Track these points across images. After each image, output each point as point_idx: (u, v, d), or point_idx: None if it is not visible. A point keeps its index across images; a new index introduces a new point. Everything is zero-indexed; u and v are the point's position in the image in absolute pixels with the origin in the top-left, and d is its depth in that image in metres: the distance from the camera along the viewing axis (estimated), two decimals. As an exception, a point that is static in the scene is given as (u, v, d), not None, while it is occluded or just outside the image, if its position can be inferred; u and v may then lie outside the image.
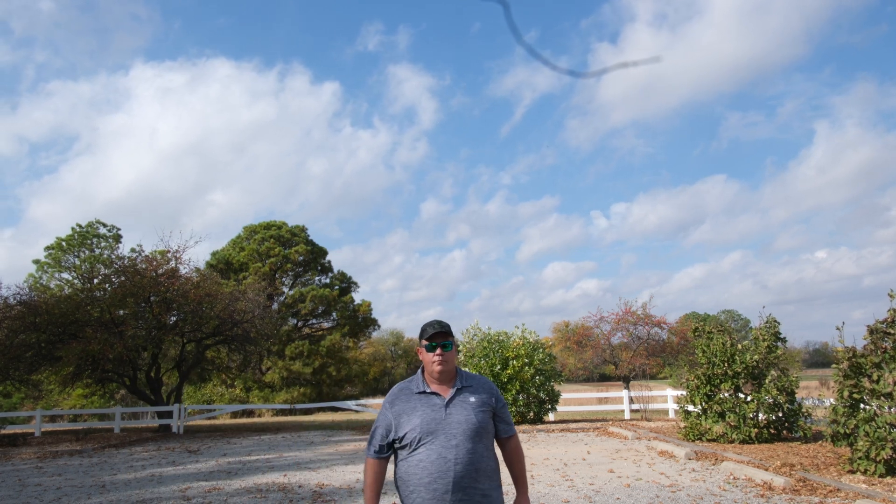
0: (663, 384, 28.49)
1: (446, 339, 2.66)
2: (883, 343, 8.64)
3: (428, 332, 2.67)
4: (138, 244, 26.40)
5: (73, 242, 36.69)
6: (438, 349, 2.62)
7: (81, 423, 27.07)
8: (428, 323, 2.73)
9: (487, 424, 2.61)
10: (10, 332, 18.59)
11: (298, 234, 42.21)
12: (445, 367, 2.61)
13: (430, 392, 2.62)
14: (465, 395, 2.62)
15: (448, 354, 2.63)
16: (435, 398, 2.60)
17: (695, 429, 12.76)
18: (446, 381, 2.64)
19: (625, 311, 26.34)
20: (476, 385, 2.69)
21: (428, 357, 2.65)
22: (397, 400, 2.66)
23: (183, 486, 9.23)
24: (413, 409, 2.57)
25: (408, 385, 2.71)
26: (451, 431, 2.50)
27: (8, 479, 10.40)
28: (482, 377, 2.77)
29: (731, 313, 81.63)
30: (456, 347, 2.74)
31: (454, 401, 2.58)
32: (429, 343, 2.65)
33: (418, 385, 2.66)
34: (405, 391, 2.67)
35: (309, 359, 38.32)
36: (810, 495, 7.25)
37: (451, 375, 2.66)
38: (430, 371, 2.63)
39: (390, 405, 2.66)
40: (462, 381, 2.67)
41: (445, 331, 2.67)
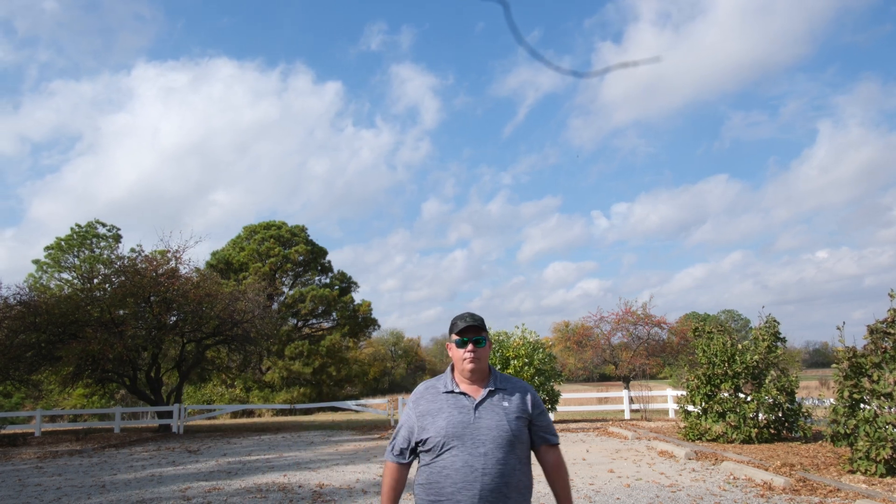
0: (663, 384, 28.50)
1: (479, 333, 2.43)
2: (883, 343, 8.64)
3: (458, 325, 2.43)
4: (138, 244, 26.43)
5: (72, 242, 36.68)
6: (470, 345, 2.40)
7: (81, 423, 27.07)
8: (459, 316, 2.49)
9: (522, 434, 2.36)
10: (10, 332, 18.58)
11: (298, 234, 42.21)
12: (477, 366, 2.39)
13: (459, 392, 2.39)
14: (499, 398, 2.38)
15: (481, 351, 2.41)
16: (464, 399, 2.36)
17: (695, 429, 12.75)
18: (478, 381, 2.42)
19: (625, 311, 26.34)
20: (511, 388, 2.44)
21: (458, 353, 2.44)
22: (422, 399, 2.44)
23: (183, 486, 9.23)
24: (439, 410, 2.35)
25: (435, 383, 2.48)
26: (480, 438, 2.27)
27: (8, 479, 10.40)
28: (520, 380, 2.52)
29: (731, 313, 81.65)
30: (490, 344, 2.51)
31: (485, 403, 2.35)
32: (459, 338, 2.43)
33: (446, 384, 2.43)
34: (431, 390, 2.45)
35: (309, 359, 38.32)
36: (810, 495, 7.25)
37: (484, 375, 2.44)
38: (461, 369, 2.42)
39: (414, 405, 2.45)
40: (496, 382, 2.44)
41: (478, 325, 2.43)
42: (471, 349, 2.39)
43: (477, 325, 2.43)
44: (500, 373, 2.50)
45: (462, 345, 2.42)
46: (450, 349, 2.50)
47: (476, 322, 2.43)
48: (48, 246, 36.72)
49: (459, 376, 2.44)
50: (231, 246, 41.36)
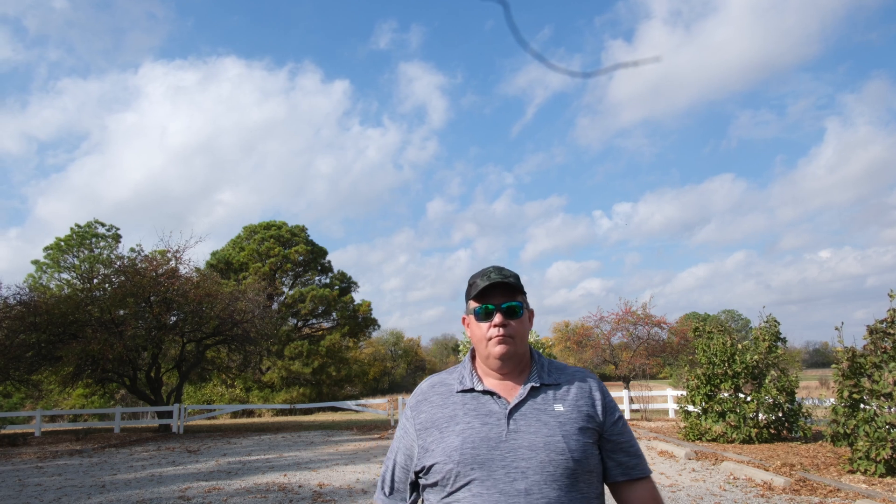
0: (663, 384, 28.50)
1: (512, 297, 1.58)
2: (883, 343, 8.64)
3: (479, 285, 1.58)
4: (138, 244, 26.44)
5: (71, 242, 36.67)
6: (498, 315, 1.55)
7: (81, 423, 27.07)
8: (479, 272, 1.63)
9: (588, 457, 1.48)
10: (10, 332, 18.58)
11: (298, 234, 42.24)
12: (512, 349, 1.55)
13: (484, 391, 1.56)
14: (548, 398, 1.54)
15: (517, 325, 1.57)
16: (491, 402, 1.54)
17: (695, 429, 12.76)
18: (513, 374, 1.59)
19: (625, 311, 26.33)
20: (567, 381, 1.59)
21: (480, 331, 1.58)
22: (425, 403, 1.60)
23: (183, 486, 9.23)
24: (451, 420, 1.53)
25: (446, 378, 1.64)
26: (518, 465, 1.43)
27: (8, 479, 10.40)
28: (580, 368, 1.66)
29: (731, 313, 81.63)
30: (531, 314, 1.67)
31: (526, 408, 1.52)
32: (480, 305, 1.58)
33: (463, 379, 1.60)
34: (440, 388, 1.62)
35: (309, 359, 38.33)
36: (810, 495, 7.25)
37: (523, 363, 1.60)
38: (486, 356, 1.58)
39: (413, 413, 1.62)
40: (542, 373, 1.59)
41: (510, 282, 1.58)
42: (500, 321, 1.55)
43: (508, 284, 1.58)
44: (547, 359, 1.66)
45: (485, 316, 1.57)
46: (467, 326, 1.65)
47: (506, 278, 1.57)
48: (48, 246, 36.71)
49: (484, 367, 1.61)
50: (231, 246, 41.38)
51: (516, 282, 1.61)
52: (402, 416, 1.68)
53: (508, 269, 1.64)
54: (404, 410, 1.68)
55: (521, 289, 1.62)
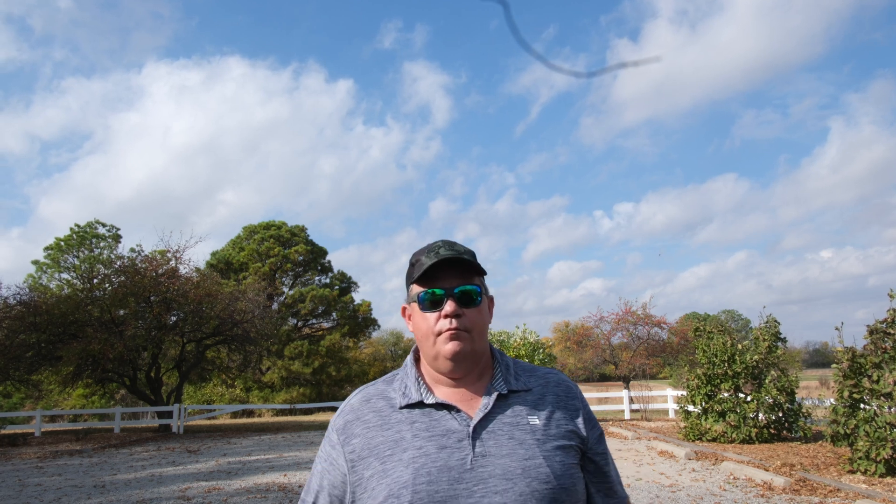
0: (663, 384, 28.51)
1: (468, 279, 1.26)
2: (883, 343, 8.65)
3: (423, 263, 1.25)
4: (138, 244, 26.42)
5: (71, 243, 36.68)
6: (450, 302, 1.22)
7: (81, 423, 27.07)
8: (423, 248, 1.30)
9: (576, 482, 1.20)
10: (10, 332, 18.59)
11: (298, 234, 42.25)
12: (467, 345, 1.22)
13: (437, 404, 1.23)
14: (519, 408, 1.24)
15: (474, 315, 1.24)
16: (447, 417, 1.21)
17: (695, 429, 12.76)
18: (470, 379, 1.26)
19: (625, 311, 26.34)
20: (540, 385, 1.29)
21: (425, 323, 1.25)
22: (357, 423, 1.24)
23: (183, 486, 9.23)
24: (396, 445, 1.18)
25: (384, 389, 1.30)
26: (492, 501, 1.12)
27: (8, 479, 10.40)
28: (551, 370, 1.35)
29: (731, 313, 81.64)
30: (491, 303, 1.35)
31: (493, 423, 1.21)
32: (425, 290, 1.25)
33: (407, 388, 1.27)
34: (377, 402, 1.27)
35: (308, 359, 38.33)
36: (810, 495, 7.26)
37: (482, 364, 1.28)
38: (433, 355, 1.24)
39: (343, 436, 1.25)
40: (507, 376, 1.28)
41: (463, 259, 1.24)
42: (451, 311, 1.21)
43: (462, 261, 1.24)
44: (510, 358, 1.35)
45: (432, 304, 1.24)
46: (409, 319, 1.32)
47: (460, 254, 1.24)
48: (48, 246, 36.71)
49: (432, 372, 1.27)
50: (231, 246, 41.39)
51: (472, 259, 1.26)
52: (325, 443, 1.28)
53: (462, 245, 1.29)
54: (327, 434, 1.28)
55: (479, 269, 1.27)
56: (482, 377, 1.29)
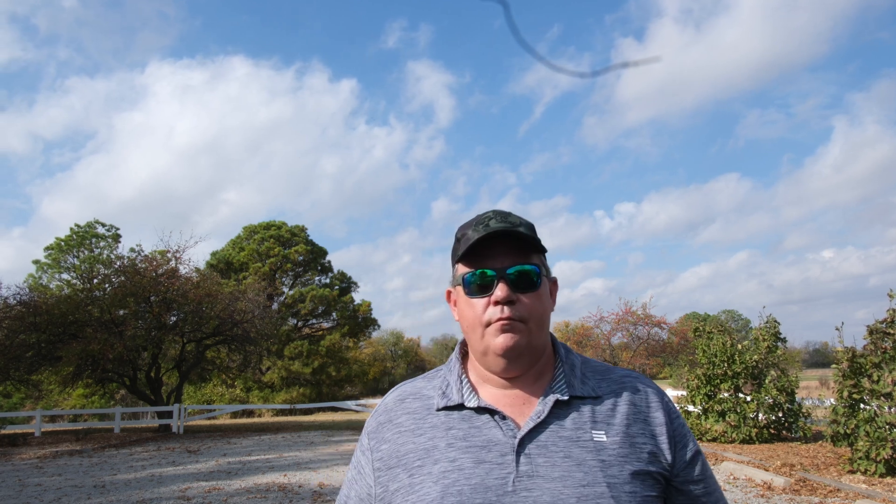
0: (663, 384, 28.50)
1: (526, 258, 1.06)
2: (883, 343, 8.65)
3: (470, 237, 1.05)
4: (138, 244, 26.43)
5: (71, 243, 36.69)
6: (502, 286, 1.02)
7: (81, 423, 27.07)
8: (472, 220, 1.10)
9: None
10: (10, 332, 18.59)
11: (298, 234, 42.27)
12: (523, 339, 1.02)
13: (480, 408, 1.04)
14: (582, 419, 1.02)
15: (532, 302, 1.03)
16: (491, 425, 1.03)
17: (695, 429, 12.76)
18: (526, 380, 1.07)
19: (625, 312, 26.36)
20: (614, 393, 1.06)
21: (472, 311, 1.05)
22: (389, 426, 1.09)
23: (183, 486, 9.23)
24: (427, 455, 1.02)
25: (422, 387, 1.13)
26: None
27: (8, 479, 10.40)
28: (630, 372, 1.12)
29: (731, 313, 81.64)
30: (552, 285, 1.12)
31: (546, 435, 1.00)
32: (472, 270, 1.05)
33: (448, 387, 1.09)
34: (412, 402, 1.11)
35: (308, 359, 38.34)
36: (810, 495, 7.26)
37: (541, 362, 1.09)
38: (482, 350, 1.05)
39: (373, 441, 1.11)
40: (572, 378, 1.07)
41: (520, 233, 1.04)
42: (504, 296, 1.01)
43: (518, 235, 1.05)
44: (579, 356, 1.14)
45: (481, 288, 1.04)
46: (454, 304, 1.12)
47: (515, 227, 1.05)
48: (48, 246, 36.72)
49: (480, 370, 1.09)
50: (231, 246, 41.42)
51: (530, 233, 1.06)
52: (358, 447, 1.14)
53: (518, 216, 1.09)
54: (360, 438, 1.14)
55: (539, 244, 1.06)
56: (541, 378, 1.07)
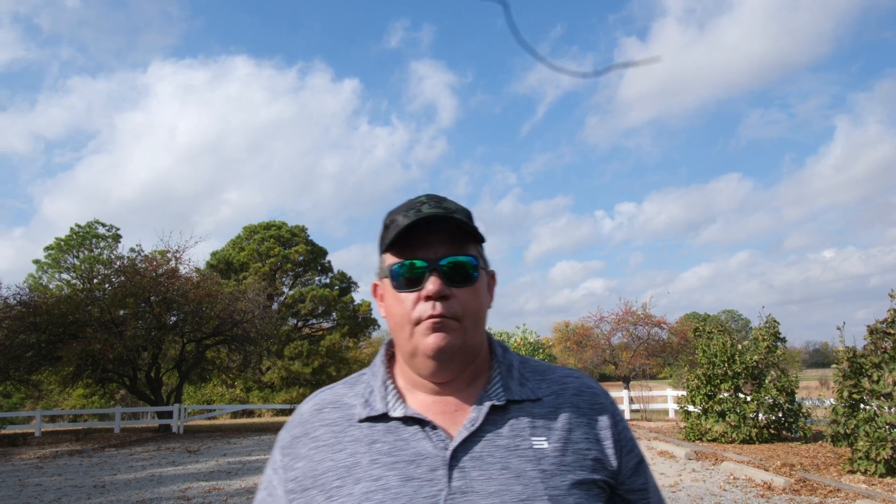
0: (663, 384, 28.51)
1: (461, 248, 0.94)
2: (883, 343, 8.65)
3: (399, 223, 0.92)
4: (138, 244, 26.44)
5: (71, 243, 36.70)
6: (433, 279, 0.91)
7: (81, 423, 27.07)
8: (402, 205, 0.97)
9: None
10: (10, 332, 18.58)
11: (298, 234, 42.29)
12: (457, 339, 0.91)
13: (407, 417, 0.93)
14: (520, 426, 0.92)
15: (467, 297, 0.93)
16: (420, 436, 0.91)
17: (695, 429, 12.76)
18: (459, 384, 0.96)
19: (625, 311, 26.34)
20: (554, 394, 0.97)
21: (400, 307, 0.93)
22: (305, 440, 0.97)
23: (183, 486, 9.23)
24: (348, 473, 0.90)
25: (343, 394, 1.01)
26: None
27: (8, 479, 10.40)
28: (571, 371, 1.04)
29: (731, 313, 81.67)
30: (490, 278, 1.03)
31: (481, 445, 0.90)
32: (400, 261, 0.94)
33: (371, 395, 0.98)
34: (331, 412, 0.99)
35: (308, 359, 38.36)
36: (810, 495, 7.26)
37: (476, 364, 0.98)
38: (410, 351, 0.94)
39: (286, 457, 0.98)
40: (509, 380, 0.97)
41: (455, 219, 0.92)
42: (436, 290, 0.90)
43: (453, 221, 0.92)
44: (516, 355, 1.03)
45: (409, 281, 0.93)
46: (380, 299, 1.01)
47: (450, 212, 0.92)
48: (48, 246, 36.73)
49: (408, 373, 0.98)
50: (231, 246, 41.43)
51: (467, 220, 0.93)
52: (269, 466, 1.02)
53: (454, 201, 0.96)
54: (272, 454, 1.02)
55: (477, 233, 0.94)
56: (475, 382, 0.96)
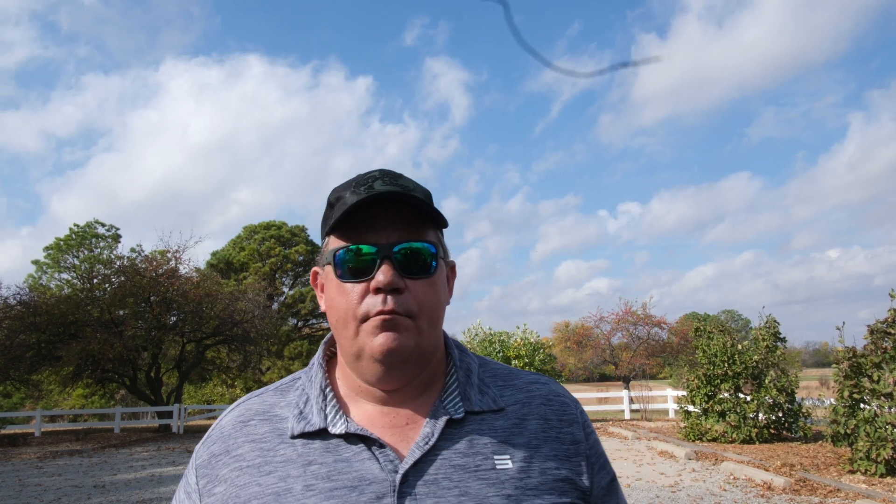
0: (663, 384, 28.51)
1: (417, 233, 0.81)
2: (883, 343, 8.65)
3: (347, 200, 0.79)
4: (138, 244, 26.44)
5: (71, 243, 36.70)
6: (385, 268, 0.77)
7: (81, 423, 27.08)
8: (350, 180, 0.83)
9: None
10: (10, 332, 18.59)
11: (298, 234, 42.31)
12: (410, 341, 0.77)
13: (349, 434, 0.79)
14: (480, 442, 0.79)
15: (423, 290, 0.79)
16: (364, 456, 0.77)
17: (695, 429, 12.76)
18: (409, 392, 0.83)
19: (625, 311, 26.35)
20: (519, 404, 0.85)
21: (344, 301, 0.79)
22: (226, 458, 0.81)
23: (183, 486, 9.23)
24: (277, 500, 0.75)
25: (273, 403, 0.86)
26: None
27: (8, 479, 10.40)
28: (539, 379, 0.90)
29: (731, 313, 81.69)
30: (450, 271, 0.89)
31: (436, 467, 0.77)
32: (346, 246, 0.80)
33: (307, 405, 0.83)
34: (258, 425, 0.83)
35: (308, 359, 38.36)
36: (810, 495, 7.26)
37: (431, 368, 0.85)
38: (354, 353, 0.80)
39: (203, 479, 0.82)
40: (467, 387, 0.84)
41: (411, 197, 0.78)
42: (387, 281, 0.76)
43: (408, 197, 0.78)
44: (475, 357, 0.91)
45: (356, 269, 0.79)
46: (320, 290, 0.89)
47: (406, 190, 0.79)
48: (47, 246, 36.72)
49: (352, 378, 0.84)
50: (231, 246, 41.45)
51: (425, 199, 0.81)
52: (182, 489, 0.86)
53: (411, 179, 0.84)
54: (186, 474, 0.87)
55: (437, 216, 0.81)
56: (429, 389, 0.83)
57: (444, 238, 0.88)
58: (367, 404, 0.83)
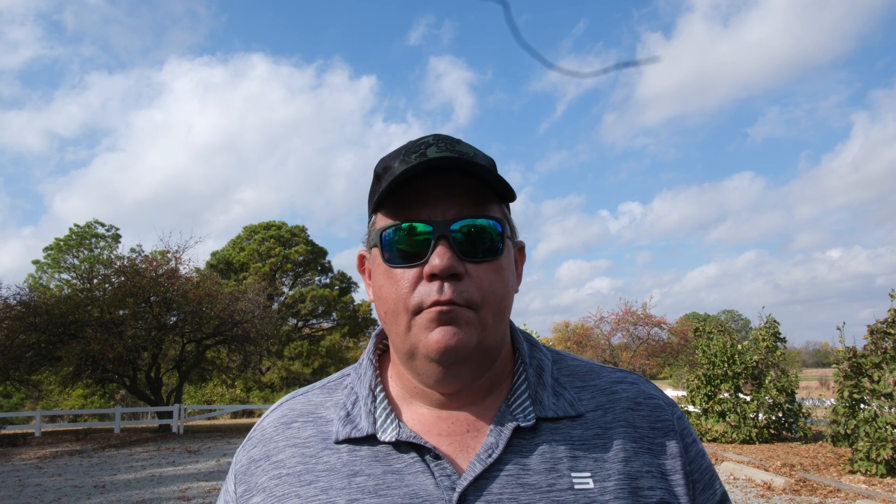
0: (663, 384, 28.50)
1: (477, 208, 0.70)
2: (883, 343, 8.65)
3: (395, 170, 0.68)
4: (138, 244, 26.44)
5: (71, 243, 36.70)
6: (441, 249, 0.65)
7: (81, 423, 27.08)
8: (402, 147, 0.73)
9: None
10: (10, 332, 18.58)
11: (298, 234, 42.32)
12: (472, 336, 0.66)
13: (401, 442, 0.70)
14: (555, 454, 0.68)
15: (487, 276, 0.68)
16: (417, 467, 0.68)
17: (695, 429, 12.78)
18: (472, 394, 0.72)
19: (625, 312, 26.36)
20: (604, 410, 0.73)
21: (394, 289, 0.68)
22: (266, 464, 0.74)
23: (183, 486, 9.23)
24: None
25: (319, 403, 0.77)
26: None
27: (8, 479, 10.40)
28: (626, 377, 0.78)
29: (731, 313, 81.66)
30: (519, 253, 0.78)
31: (499, 482, 0.66)
32: (395, 224, 0.69)
33: (355, 407, 0.75)
34: (302, 428, 0.75)
35: (308, 359, 38.38)
36: (810, 495, 7.26)
37: (496, 368, 0.73)
38: (407, 350, 0.70)
39: (241, 488, 0.75)
40: (541, 388, 0.73)
41: (472, 160, 0.67)
42: (444, 266, 0.65)
43: (470, 164, 0.67)
44: (549, 351, 0.81)
45: (407, 252, 0.68)
46: (368, 277, 0.79)
47: (464, 156, 0.68)
48: (47, 247, 36.73)
49: (406, 377, 0.75)
50: (231, 246, 41.46)
51: (487, 167, 0.69)
52: (221, 497, 0.80)
53: (469, 144, 0.76)
54: (226, 481, 0.80)
55: (504, 187, 0.71)
56: (494, 391, 0.73)
57: (510, 214, 0.75)
58: (422, 407, 0.73)
